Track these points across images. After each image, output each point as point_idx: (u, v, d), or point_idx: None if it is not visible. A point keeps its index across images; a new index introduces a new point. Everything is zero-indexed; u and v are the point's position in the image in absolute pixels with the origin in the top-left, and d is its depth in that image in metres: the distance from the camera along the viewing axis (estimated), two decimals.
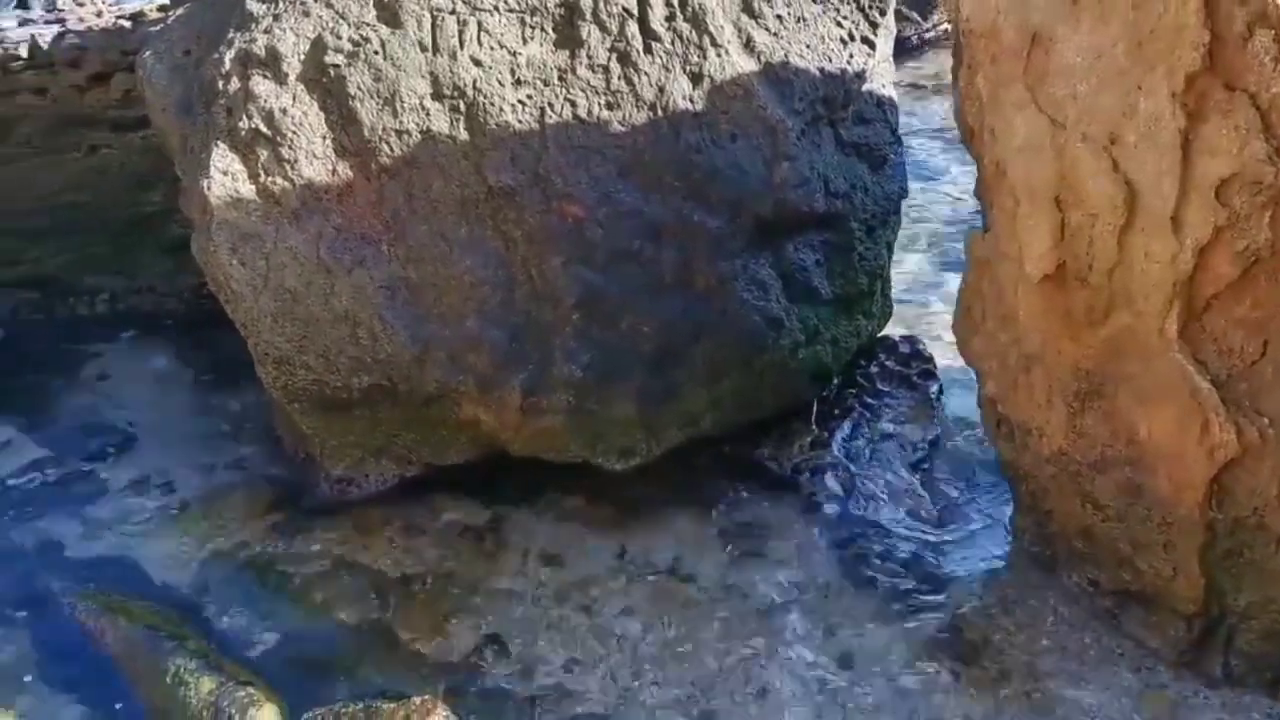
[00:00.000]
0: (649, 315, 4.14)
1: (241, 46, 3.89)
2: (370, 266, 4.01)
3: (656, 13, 4.07)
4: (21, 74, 5.06)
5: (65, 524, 4.34)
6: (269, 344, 4.03)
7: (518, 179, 4.02)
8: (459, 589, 3.99)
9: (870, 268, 4.61)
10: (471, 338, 4.08)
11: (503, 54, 4.00)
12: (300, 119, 3.91)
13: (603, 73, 4.06)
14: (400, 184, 4.00)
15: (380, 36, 3.92)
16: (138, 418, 4.96)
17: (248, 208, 3.93)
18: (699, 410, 4.28)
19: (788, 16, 4.22)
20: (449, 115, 3.99)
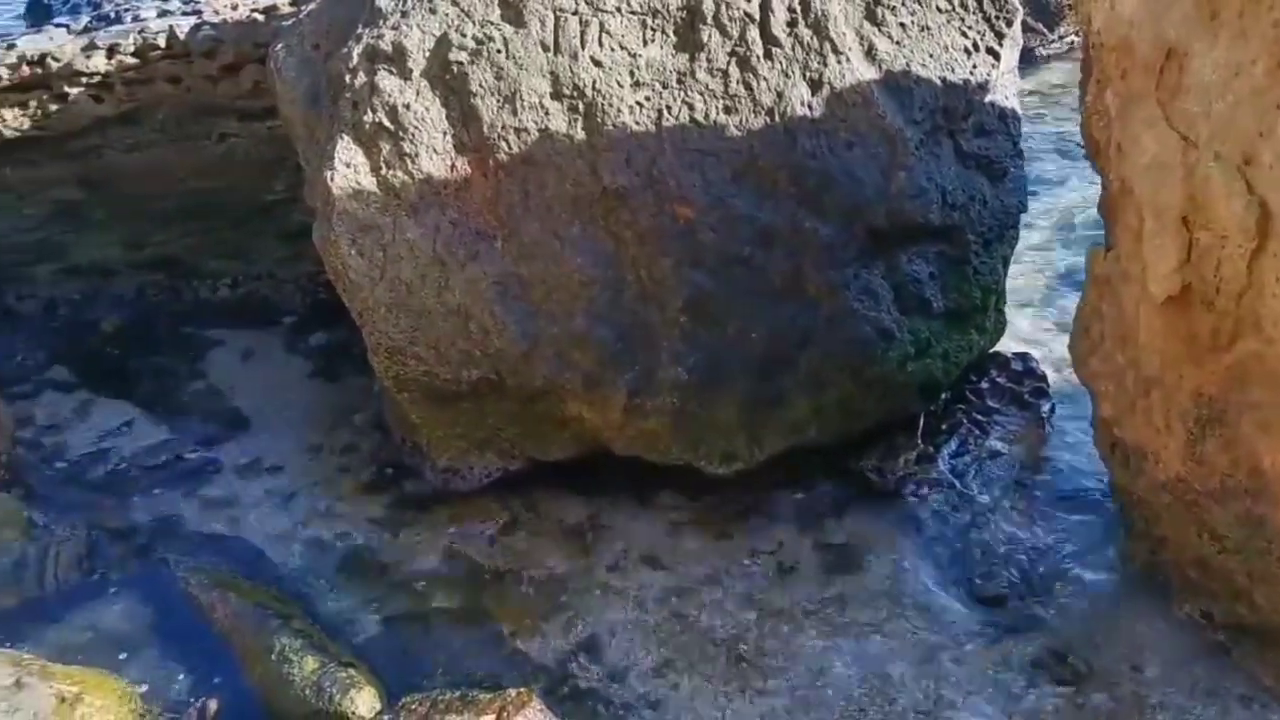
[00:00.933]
0: (757, 320, 4.13)
1: (369, 42, 3.97)
2: (484, 261, 4.05)
3: (778, 18, 4.06)
4: (159, 63, 5.22)
5: (181, 502, 4.47)
6: (383, 334, 4.10)
7: (632, 180, 4.04)
8: (556, 585, 4.02)
9: (985, 282, 4.53)
10: (579, 335, 4.11)
11: (623, 55, 4.02)
12: (422, 114, 3.98)
13: (721, 77, 4.06)
14: (516, 181, 4.04)
15: (504, 35, 3.96)
16: (252, 401, 5.08)
17: (368, 200, 4.00)
18: (804, 418, 4.25)
19: (911, 25, 4.17)
20: (567, 114, 4.02)
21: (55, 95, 5.18)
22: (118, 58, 5.21)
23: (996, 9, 4.23)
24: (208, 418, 4.99)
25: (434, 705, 3.32)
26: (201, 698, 3.50)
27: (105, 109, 5.25)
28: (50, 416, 4.97)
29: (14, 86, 5.14)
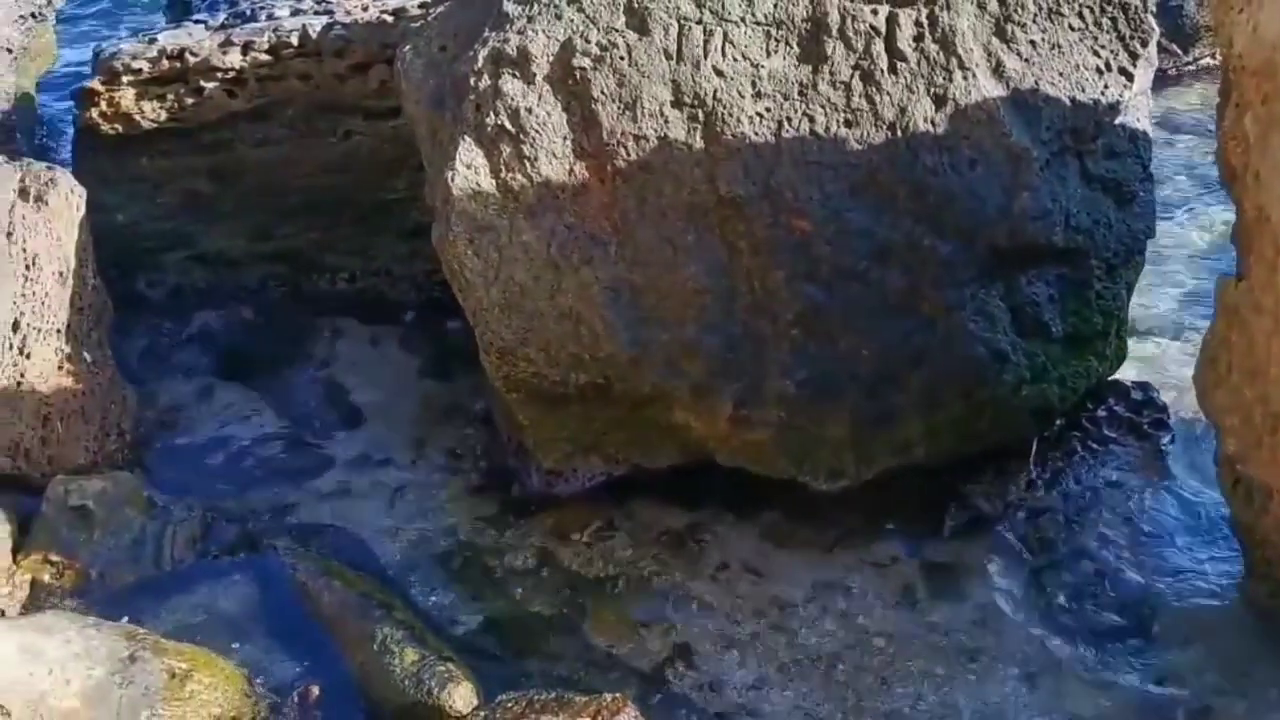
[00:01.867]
0: (869, 337, 4.08)
1: (495, 46, 4.02)
2: (597, 266, 4.08)
3: (905, 32, 4.01)
4: (291, 60, 5.35)
5: (294, 490, 4.58)
6: (495, 334, 4.15)
7: (749, 190, 4.03)
8: (654, 593, 4.03)
9: (1107, 307, 4.41)
10: (689, 344, 4.11)
11: (745, 65, 4.01)
12: (544, 118, 4.02)
13: (844, 90, 4.03)
14: (633, 188, 4.06)
15: (627, 42, 3.99)
16: (365, 395, 5.18)
17: (486, 201, 4.05)
18: (912, 438, 4.19)
19: (1042, 43, 4.08)
20: (687, 123, 4.02)
21: (191, 89, 5.34)
22: (252, 54, 5.35)
23: (1131, 29, 4.12)
24: (322, 408, 5.10)
25: (530, 705, 3.34)
26: (304, 683, 3.58)
27: (238, 103, 5.39)
28: (172, 400, 5.12)
29: (153, 79, 5.31)
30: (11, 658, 3.24)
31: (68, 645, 3.37)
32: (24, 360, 4.28)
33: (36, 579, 3.94)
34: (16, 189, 4.37)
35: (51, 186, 4.46)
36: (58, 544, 4.03)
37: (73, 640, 3.39)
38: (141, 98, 5.32)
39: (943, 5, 4.01)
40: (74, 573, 3.97)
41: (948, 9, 4.01)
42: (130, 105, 5.32)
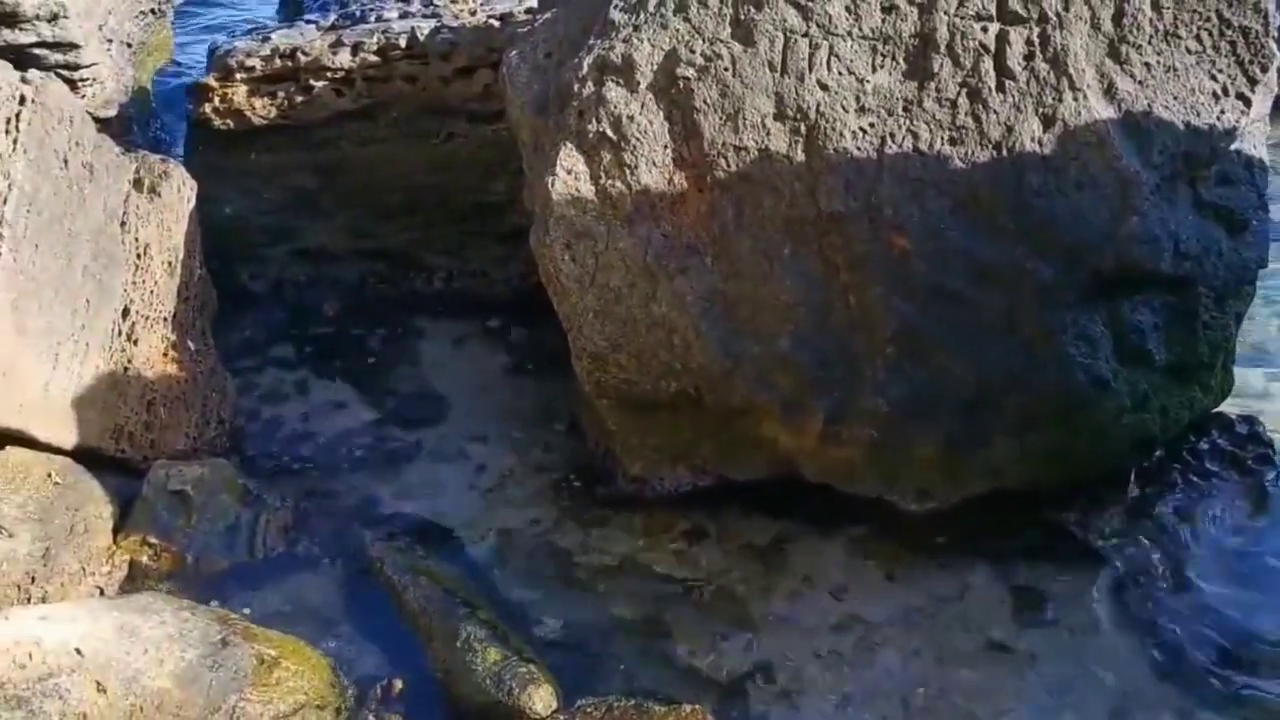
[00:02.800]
0: (965, 357, 4.03)
1: (600, 53, 4.05)
2: (692, 276, 4.08)
3: (1015, 50, 3.95)
4: (399, 62, 5.44)
5: (382, 484, 4.64)
6: (588, 339, 4.17)
7: (849, 205, 4.00)
8: (736, 605, 4.01)
9: (1214, 338, 4.30)
10: (782, 357, 4.09)
11: (850, 80, 3.99)
12: (646, 127, 4.03)
13: (950, 107, 3.98)
14: (732, 199, 4.05)
15: (732, 53, 3.98)
16: (457, 392, 5.24)
17: (585, 207, 4.08)
18: (1006, 462, 4.12)
19: (1157, 65, 3.99)
20: (789, 136, 4.01)
21: (301, 87, 5.46)
22: (361, 55, 5.46)
23: (1251, 53, 4.01)
24: (414, 404, 5.17)
25: (609, 710, 3.35)
26: (387, 676, 3.63)
27: (345, 103, 5.50)
28: (270, 390, 5.24)
29: (266, 77, 5.44)
30: (109, 636, 3.33)
31: (162, 626, 3.45)
32: (132, 347, 4.40)
33: (135, 560, 4.05)
34: (131, 179, 4.50)
35: (165, 178, 4.58)
36: (156, 527, 4.13)
37: (167, 622, 3.48)
38: (253, 94, 5.45)
39: (1055, 24, 3.95)
40: (170, 556, 4.07)
41: (1060, 28, 3.95)
42: (242, 101, 5.45)
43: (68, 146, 4.16)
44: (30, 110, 4.01)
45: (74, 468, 4.10)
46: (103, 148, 4.38)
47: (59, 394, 4.07)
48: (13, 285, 3.85)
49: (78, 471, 4.10)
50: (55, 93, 4.18)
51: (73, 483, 4.05)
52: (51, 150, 4.08)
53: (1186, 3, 3.96)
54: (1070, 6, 3.94)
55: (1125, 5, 3.95)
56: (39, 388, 3.97)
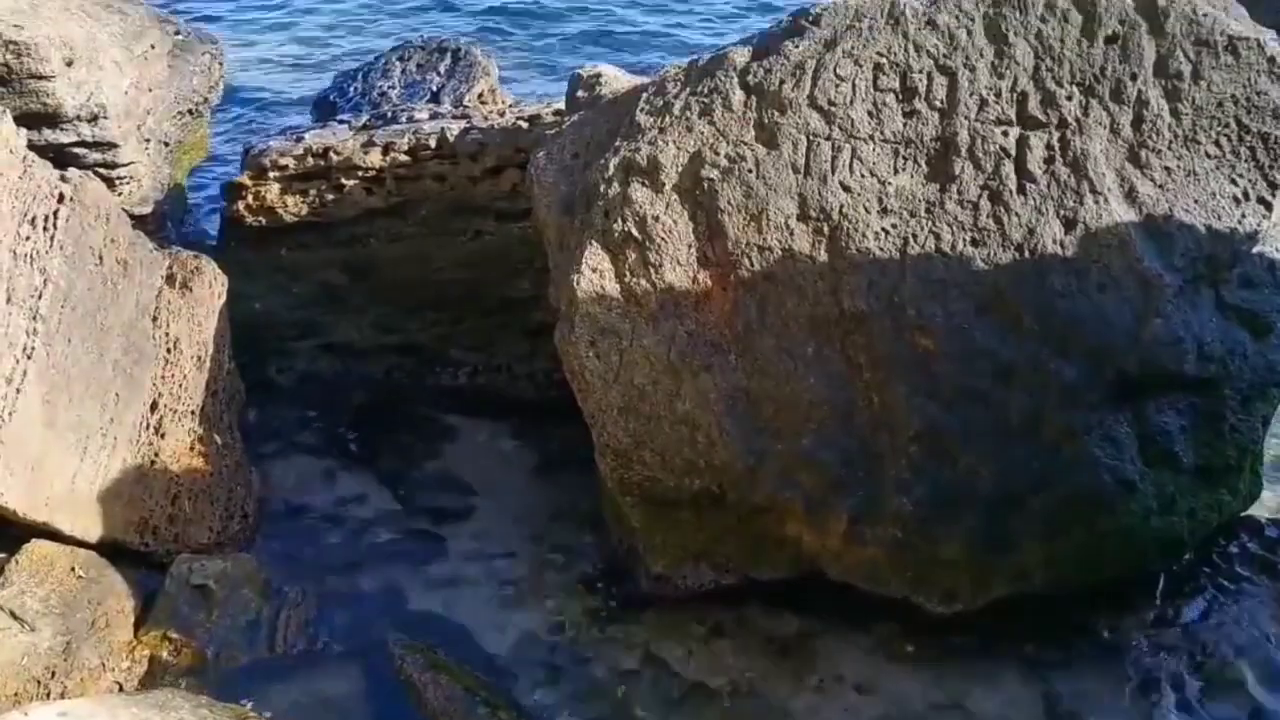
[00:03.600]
0: (990, 458, 4.02)
1: (626, 154, 4.12)
2: (716, 374, 4.10)
3: (1035, 154, 4.01)
4: (428, 162, 5.55)
5: (405, 577, 4.64)
6: (612, 436, 4.19)
7: (872, 305, 4.03)
8: (758, 702, 3.96)
9: (1241, 441, 4.27)
10: (805, 456, 4.09)
11: (872, 182, 4.04)
12: (670, 226, 4.09)
13: (971, 209, 4.03)
14: (755, 298, 4.09)
15: (756, 155, 4.05)
16: (480, 488, 5.24)
17: (610, 304, 4.12)
18: (1032, 565, 4.08)
19: (1177, 169, 4.04)
20: (812, 236, 4.05)
21: (333, 185, 5.56)
22: (392, 154, 5.56)
23: (1271, 158, 4.04)
24: (438, 498, 5.18)
25: None
26: None
27: (375, 201, 5.59)
28: (295, 482, 5.25)
29: (298, 175, 5.55)
30: None
31: None
32: (159, 440, 4.44)
33: (155, 655, 4.03)
34: (164, 275, 4.58)
35: (197, 274, 4.66)
36: (177, 622, 4.13)
37: (186, 719, 3.45)
38: (285, 192, 5.55)
39: (1075, 129, 4.00)
40: (191, 651, 4.06)
41: (1080, 133, 4.00)
42: (274, 199, 5.55)
43: (103, 243, 4.25)
44: (68, 208, 4.10)
45: (97, 561, 4.11)
46: (137, 244, 4.47)
47: (85, 487, 4.10)
48: (45, 379, 3.91)
49: (101, 565, 4.11)
50: (93, 191, 4.28)
51: (96, 576, 4.06)
52: (88, 247, 4.17)
53: (1205, 109, 4.01)
54: (1089, 112, 4.00)
55: (1144, 111, 4.01)
56: (66, 481, 4.01)
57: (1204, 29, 3.99)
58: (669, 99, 4.15)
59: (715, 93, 4.07)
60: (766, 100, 4.04)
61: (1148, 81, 4.00)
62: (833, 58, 4.02)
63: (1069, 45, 4.00)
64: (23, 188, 4.00)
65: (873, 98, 4.04)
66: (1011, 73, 4.02)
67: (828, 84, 4.02)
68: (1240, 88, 4.01)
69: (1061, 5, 4.00)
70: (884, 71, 4.03)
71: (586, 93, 4.88)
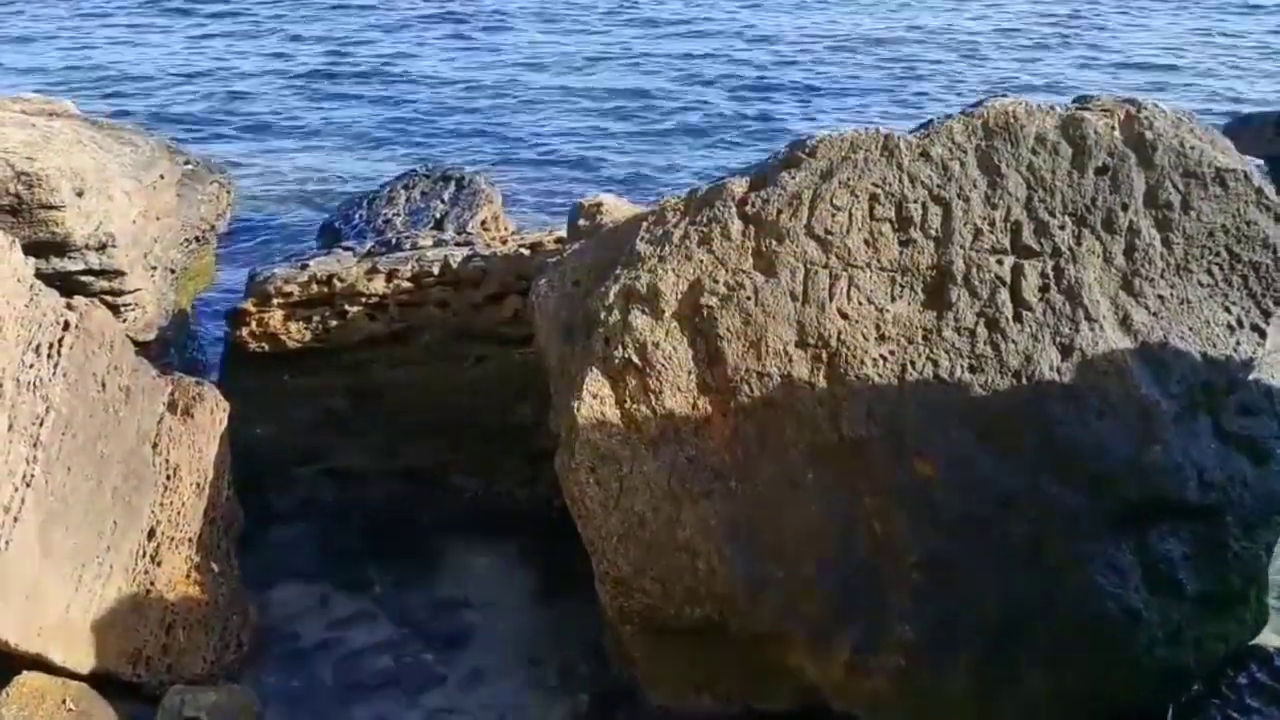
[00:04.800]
0: (993, 586, 3.99)
1: (626, 282, 4.18)
2: (716, 501, 4.10)
3: (1030, 282, 4.06)
4: (432, 288, 5.62)
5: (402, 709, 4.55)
6: (611, 564, 4.16)
7: (871, 431, 4.04)
8: None
9: (1246, 569, 4.23)
10: (807, 583, 4.06)
11: (870, 309, 4.09)
12: (670, 353, 4.12)
13: (968, 336, 4.06)
14: (755, 424, 4.10)
15: (754, 283, 4.10)
16: (480, 614, 5.18)
17: (611, 431, 4.13)
18: (1039, 697, 4.01)
19: (1170, 297, 4.09)
20: (810, 363, 4.09)
21: (336, 312, 5.62)
22: (395, 281, 5.63)
23: (1263, 286, 4.10)
24: (437, 624, 5.11)
25: None
26: None
27: (378, 327, 5.64)
28: (292, 609, 5.18)
29: (302, 302, 5.61)
30: None
31: None
32: (155, 568, 4.41)
33: None
34: (166, 402, 4.60)
35: (198, 401, 4.68)
36: None
37: None
38: (289, 319, 5.61)
39: (1068, 258, 4.07)
40: None
41: (1074, 261, 4.06)
42: (278, 325, 5.60)
43: (106, 371, 4.28)
44: (73, 336, 4.15)
45: (89, 693, 4.05)
46: (140, 371, 4.51)
47: (79, 616, 4.06)
48: (42, 507, 3.90)
49: (92, 697, 4.05)
50: (98, 319, 4.33)
51: (86, 709, 4.00)
52: (91, 374, 4.20)
53: (1196, 238, 4.08)
54: (1082, 241, 4.07)
55: (1136, 240, 4.08)
56: (60, 610, 3.97)
57: (1192, 161, 4.08)
58: (669, 228, 4.22)
59: (714, 222, 4.15)
60: (764, 229, 4.11)
61: (1139, 211, 4.08)
62: (829, 188, 4.10)
63: (1060, 176, 4.09)
64: (29, 316, 4.05)
65: (869, 227, 4.11)
66: (1005, 203, 4.10)
67: (824, 214, 4.10)
68: (1230, 217, 4.09)
69: (1052, 138, 4.10)
70: (879, 201, 4.11)
71: (588, 221, 4.97)
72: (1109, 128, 4.11)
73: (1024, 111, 4.12)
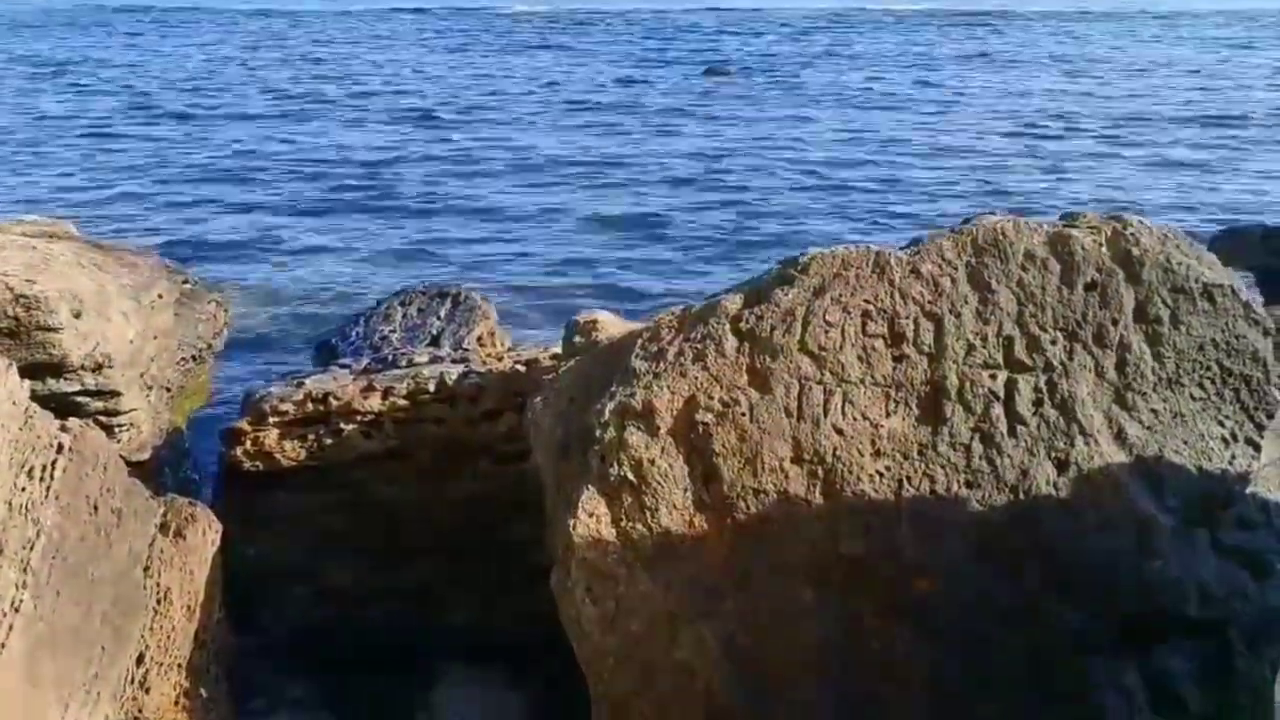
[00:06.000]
0: (996, 704, 3.93)
1: (622, 399, 4.18)
2: (714, 620, 4.05)
3: (1024, 397, 4.08)
4: (427, 405, 5.63)
5: None
6: (608, 685, 4.09)
7: (869, 548, 4.02)
8: None
9: (1251, 685, 4.17)
10: (808, 704, 4.00)
11: (865, 425, 4.09)
12: (666, 470, 4.11)
13: (964, 451, 4.06)
14: (752, 542, 4.08)
15: (749, 400, 4.11)
16: None
17: (607, 550, 4.10)
18: None
19: (1163, 411, 4.10)
20: (807, 479, 4.08)
21: (331, 430, 5.62)
22: (391, 399, 5.64)
23: (1255, 400, 4.12)
24: None
25: None
26: None
27: (373, 445, 5.64)
28: None
29: (298, 421, 5.61)
30: None
31: None
32: (143, 695, 4.32)
33: None
34: (158, 524, 4.56)
35: (190, 522, 4.64)
36: None
37: None
38: (284, 438, 5.60)
39: (1061, 372, 4.09)
40: None
41: (1066, 376, 4.08)
42: (273, 444, 5.59)
43: (99, 493, 4.25)
44: (66, 458, 4.12)
45: None
46: (133, 493, 4.47)
47: None
48: (30, 633, 3.83)
49: None
50: (92, 440, 4.31)
51: None
52: (83, 497, 4.17)
53: (1187, 353, 4.11)
54: (1074, 356, 4.10)
55: (1127, 355, 4.10)
56: None
57: (1179, 276, 4.13)
58: (663, 345, 4.24)
59: (708, 339, 4.17)
60: (759, 346, 4.13)
61: (1129, 326, 4.12)
62: (822, 305, 4.14)
63: (1050, 292, 4.13)
64: (22, 439, 4.03)
65: (862, 343, 4.14)
66: (996, 318, 4.13)
67: (818, 330, 4.13)
68: (1219, 332, 4.12)
69: (1040, 254, 4.15)
70: (872, 318, 4.14)
71: (583, 338, 5.00)
72: (1096, 244, 4.16)
73: (1013, 229, 4.18)
